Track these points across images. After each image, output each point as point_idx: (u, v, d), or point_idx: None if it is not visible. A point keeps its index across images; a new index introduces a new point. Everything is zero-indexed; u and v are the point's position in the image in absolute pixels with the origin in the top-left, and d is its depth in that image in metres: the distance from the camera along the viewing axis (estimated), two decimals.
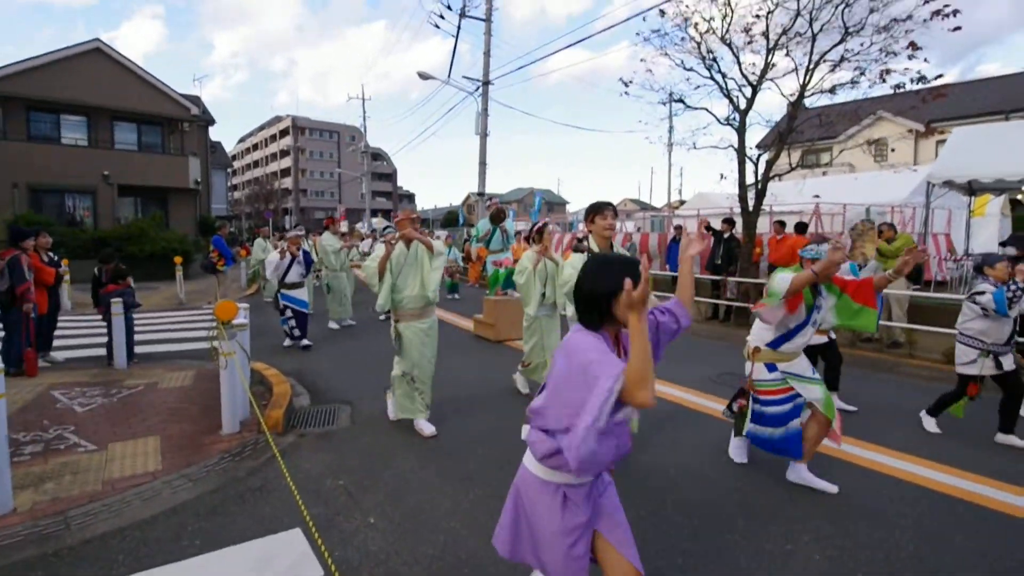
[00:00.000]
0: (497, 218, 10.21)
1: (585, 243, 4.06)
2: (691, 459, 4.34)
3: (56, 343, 7.79)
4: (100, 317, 7.50)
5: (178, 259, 14.74)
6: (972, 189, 11.61)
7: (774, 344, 3.78)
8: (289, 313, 8.54)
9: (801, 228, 10.27)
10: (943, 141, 12.86)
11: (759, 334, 3.86)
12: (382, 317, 11.30)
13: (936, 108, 11.92)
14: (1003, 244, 7.46)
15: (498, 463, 4.23)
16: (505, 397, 6.06)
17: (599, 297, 1.86)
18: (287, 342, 8.62)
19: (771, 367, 3.83)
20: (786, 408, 3.79)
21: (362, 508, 3.55)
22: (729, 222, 11.03)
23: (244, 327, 5.20)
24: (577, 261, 3.98)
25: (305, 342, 8.52)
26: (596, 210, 4.11)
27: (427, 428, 4.86)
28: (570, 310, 4.01)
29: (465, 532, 3.27)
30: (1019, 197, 13.69)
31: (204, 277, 19.87)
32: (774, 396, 3.82)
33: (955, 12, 8.48)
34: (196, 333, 9.50)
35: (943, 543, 3.18)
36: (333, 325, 10.43)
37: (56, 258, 7.71)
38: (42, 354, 7.33)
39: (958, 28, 8.56)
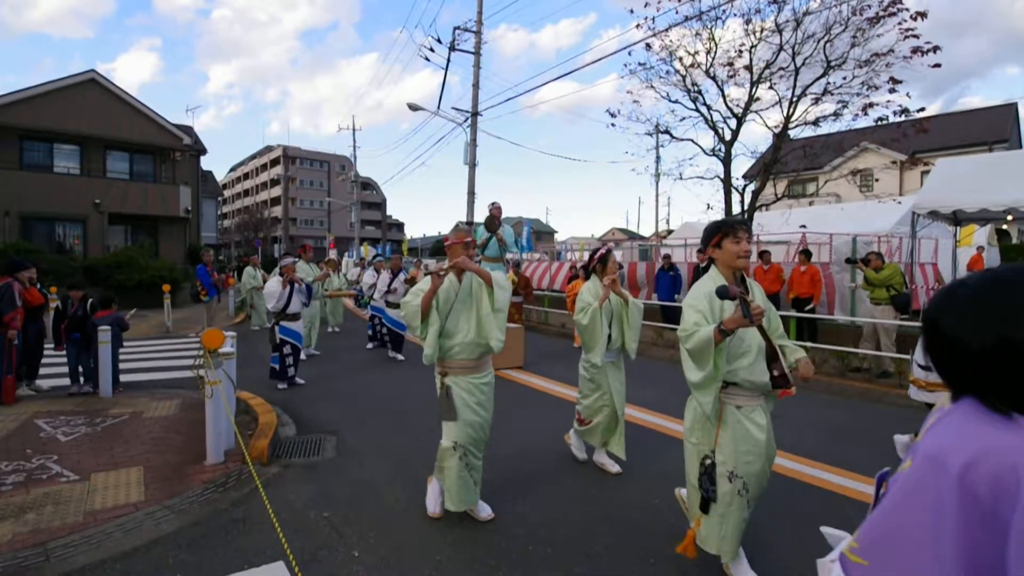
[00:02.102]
0: (491, 226, 9.72)
1: (737, 288, 2.80)
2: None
3: (42, 371, 7.73)
4: (63, 351, 7.28)
5: (166, 287, 14.67)
6: (957, 219, 11.77)
7: None
8: (288, 349, 7.86)
9: (807, 255, 10.48)
10: (928, 171, 13.12)
11: None
12: (369, 346, 11.26)
13: (920, 139, 12.17)
14: None
15: (486, 496, 4.20)
16: (494, 428, 6.03)
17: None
18: (282, 384, 7.81)
19: None
20: None
21: (346, 541, 3.53)
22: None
23: (231, 356, 5.20)
24: (702, 303, 2.92)
25: (299, 380, 8.07)
26: (724, 231, 2.97)
27: (484, 510, 3.86)
28: (693, 374, 2.93)
29: (451, 566, 3.25)
30: (1004, 227, 13.92)
31: (192, 306, 19.83)
32: None
33: (935, 49, 8.70)
34: (182, 362, 9.43)
35: None
36: (313, 351, 10.49)
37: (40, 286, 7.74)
38: (28, 382, 7.30)
39: (938, 65, 8.78)
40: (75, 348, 7.27)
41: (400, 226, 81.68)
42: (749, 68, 10.11)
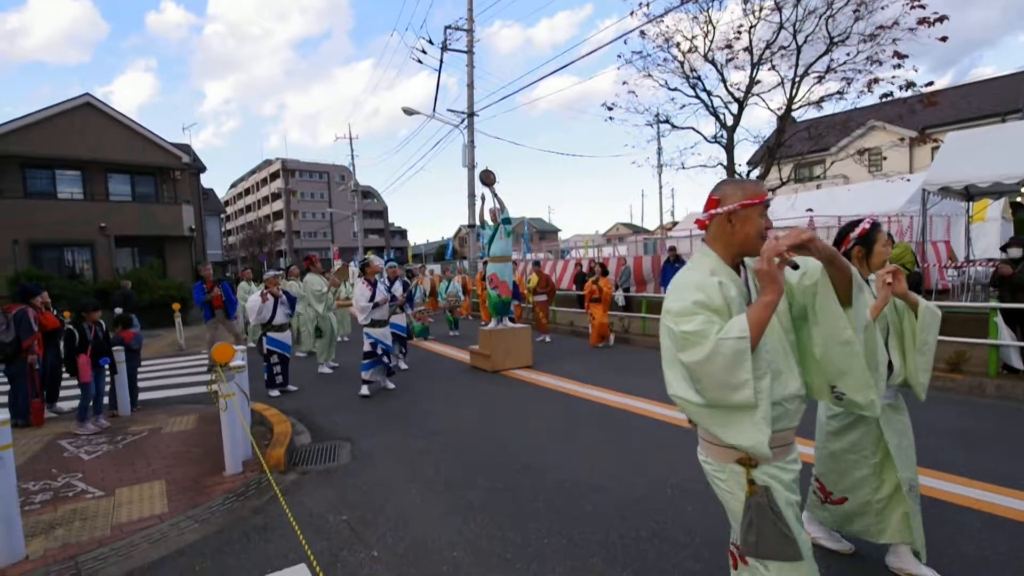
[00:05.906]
0: (487, 180, 8.67)
1: None
2: (690, 478, 4.37)
3: (61, 393, 7.86)
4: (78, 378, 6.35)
5: (176, 306, 14.87)
6: (970, 194, 11.51)
7: None
8: (276, 359, 8.13)
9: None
10: (938, 147, 12.90)
11: None
12: (323, 368, 10.94)
13: (930, 114, 11.86)
14: (1005, 248, 7.40)
15: (499, 493, 4.31)
16: (504, 425, 6.14)
17: None
18: (274, 392, 8.05)
19: None
20: None
21: (365, 542, 3.62)
22: None
23: (242, 369, 5.31)
24: None
25: (291, 387, 8.27)
26: None
27: None
28: None
29: (468, 561, 3.33)
30: (1019, 199, 13.69)
31: (202, 323, 19.98)
32: None
33: (941, 19, 8.45)
34: (197, 378, 9.59)
35: (950, 551, 3.16)
36: (325, 370, 9.79)
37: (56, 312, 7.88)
38: (48, 405, 7.43)
39: (944, 38, 8.52)
40: (101, 374, 6.69)
41: (403, 233, 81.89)
42: (749, 50, 9.86)
